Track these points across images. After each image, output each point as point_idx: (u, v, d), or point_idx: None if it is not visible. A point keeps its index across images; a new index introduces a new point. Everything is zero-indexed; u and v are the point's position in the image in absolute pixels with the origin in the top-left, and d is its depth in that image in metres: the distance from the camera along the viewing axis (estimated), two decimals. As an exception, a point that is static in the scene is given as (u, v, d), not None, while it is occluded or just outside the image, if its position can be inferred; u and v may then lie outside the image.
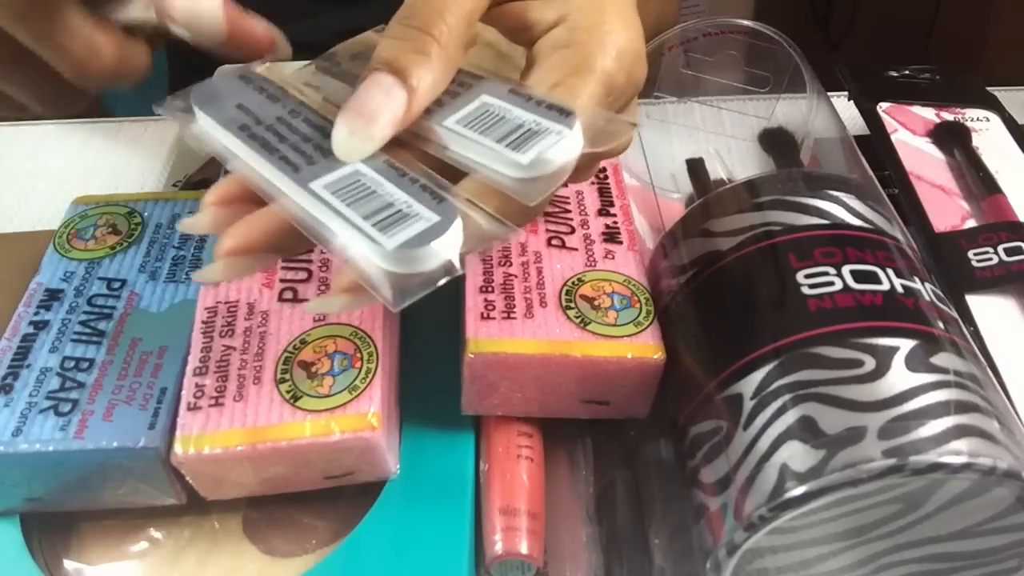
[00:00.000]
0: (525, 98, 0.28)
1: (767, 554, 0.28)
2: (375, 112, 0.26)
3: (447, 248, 0.26)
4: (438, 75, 0.27)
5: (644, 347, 0.33)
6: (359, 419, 0.31)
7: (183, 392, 0.32)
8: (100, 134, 0.57)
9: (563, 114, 0.27)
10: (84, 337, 0.34)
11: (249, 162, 0.29)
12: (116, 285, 0.36)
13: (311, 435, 0.31)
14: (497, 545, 0.32)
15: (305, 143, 0.29)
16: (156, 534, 0.34)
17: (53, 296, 0.36)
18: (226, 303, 0.34)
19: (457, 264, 0.26)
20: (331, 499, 0.34)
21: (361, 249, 0.26)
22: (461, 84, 0.29)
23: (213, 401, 0.31)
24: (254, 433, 0.31)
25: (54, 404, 0.32)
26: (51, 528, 0.34)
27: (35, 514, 0.33)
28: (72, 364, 0.33)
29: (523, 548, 0.32)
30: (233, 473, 0.31)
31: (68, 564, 0.33)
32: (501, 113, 0.28)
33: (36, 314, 0.35)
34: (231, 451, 0.30)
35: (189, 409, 0.31)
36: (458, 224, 0.26)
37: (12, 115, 0.33)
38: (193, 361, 0.33)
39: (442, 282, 0.26)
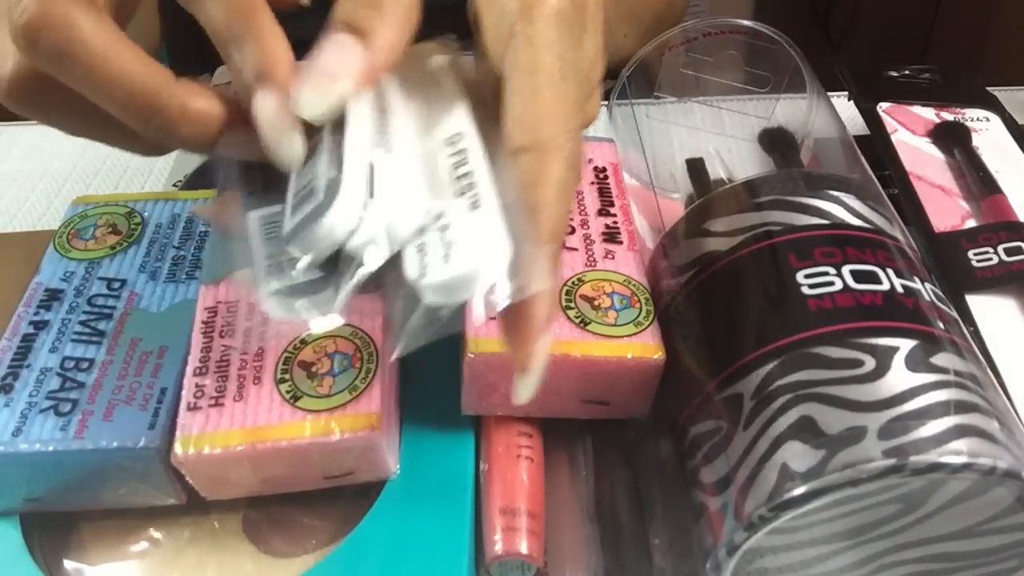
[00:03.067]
0: None
1: (767, 554, 0.28)
2: (333, 70, 0.27)
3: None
4: (396, 29, 0.27)
5: (644, 347, 0.33)
6: (359, 419, 0.31)
7: (183, 392, 0.32)
8: (100, 134, 0.57)
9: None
10: (84, 337, 0.34)
11: None
12: (116, 285, 0.36)
13: (311, 435, 0.31)
14: (497, 545, 0.32)
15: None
16: (156, 534, 0.34)
17: (53, 296, 0.36)
18: (226, 303, 0.34)
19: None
20: (331, 499, 0.34)
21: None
22: None
23: (213, 401, 0.31)
24: (254, 433, 0.31)
25: (54, 404, 0.32)
26: (51, 528, 0.34)
27: (35, 514, 0.33)
28: (72, 364, 0.33)
29: (523, 548, 0.32)
30: (233, 473, 0.31)
31: (68, 564, 0.33)
32: None
33: (36, 314, 0.35)
34: (231, 451, 0.30)
35: (189, 409, 0.31)
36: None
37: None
38: (193, 361, 0.33)
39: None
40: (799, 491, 0.26)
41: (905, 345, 0.28)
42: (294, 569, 0.33)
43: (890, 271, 0.31)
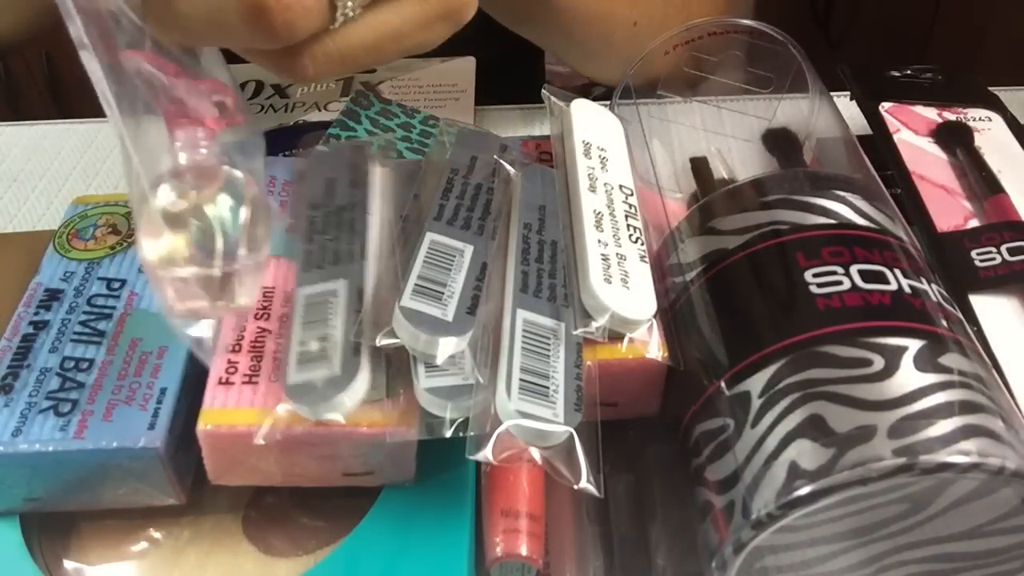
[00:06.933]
0: None
1: (773, 552, 0.28)
2: None
3: (331, 408, 0.30)
4: None
5: (648, 347, 0.33)
6: (399, 415, 0.31)
7: (213, 368, 0.31)
8: (100, 134, 0.57)
9: None
10: (84, 337, 0.34)
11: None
12: (116, 285, 0.36)
13: (349, 425, 0.30)
14: (497, 547, 0.32)
15: (332, 242, 0.34)
16: (156, 534, 0.34)
17: (53, 296, 0.36)
18: (262, 288, 0.34)
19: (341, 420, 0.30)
20: (331, 499, 0.33)
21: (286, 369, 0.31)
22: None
23: (247, 379, 0.31)
24: (291, 416, 0.30)
25: (54, 404, 0.32)
26: (51, 528, 0.33)
27: (35, 514, 0.33)
28: (72, 364, 0.33)
29: (523, 550, 0.32)
30: (254, 456, 0.31)
31: (68, 564, 0.33)
32: None
33: (36, 314, 0.35)
34: (265, 430, 0.30)
35: (220, 383, 0.31)
36: (359, 382, 0.30)
37: None
38: (225, 339, 0.32)
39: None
40: (808, 489, 0.26)
41: (913, 345, 0.28)
42: (294, 569, 0.32)
43: (897, 271, 0.31)
